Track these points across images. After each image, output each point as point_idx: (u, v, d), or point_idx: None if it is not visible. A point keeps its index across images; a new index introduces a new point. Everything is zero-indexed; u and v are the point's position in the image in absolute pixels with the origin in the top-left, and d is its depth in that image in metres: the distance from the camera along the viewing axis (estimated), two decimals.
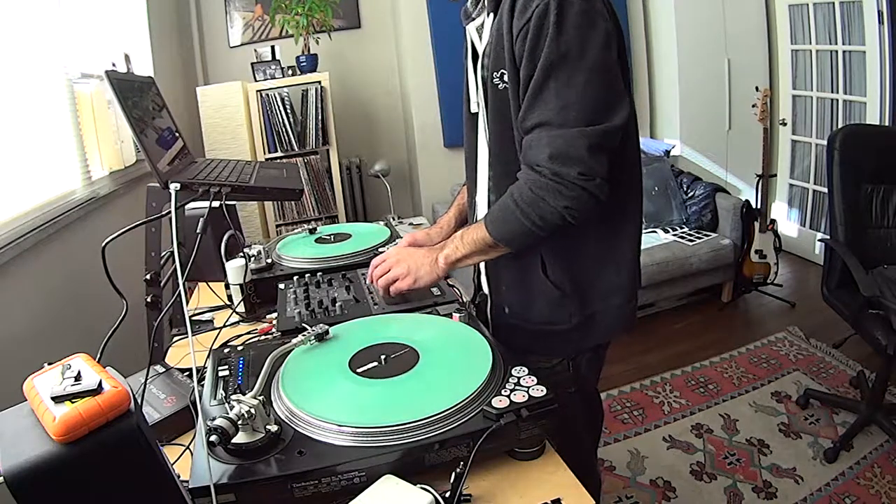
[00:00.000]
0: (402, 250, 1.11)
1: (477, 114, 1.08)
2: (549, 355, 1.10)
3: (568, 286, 1.04)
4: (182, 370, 1.01)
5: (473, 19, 1.05)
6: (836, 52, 3.17)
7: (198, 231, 0.95)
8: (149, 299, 1.15)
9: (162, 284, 1.16)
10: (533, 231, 0.92)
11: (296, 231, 1.65)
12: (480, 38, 1.03)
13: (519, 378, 0.78)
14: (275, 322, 1.12)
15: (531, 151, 0.91)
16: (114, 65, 2.15)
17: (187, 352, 1.03)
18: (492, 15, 0.97)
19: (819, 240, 2.79)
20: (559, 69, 0.86)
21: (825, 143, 2.13)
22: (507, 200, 0.94)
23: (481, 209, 1.12)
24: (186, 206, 1.02)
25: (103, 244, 0.87)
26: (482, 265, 1.14)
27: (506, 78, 0.94)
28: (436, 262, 1.04)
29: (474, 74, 1.06)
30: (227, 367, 0.89)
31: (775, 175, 3.66)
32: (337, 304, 1.08)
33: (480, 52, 1.00)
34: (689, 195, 3.23)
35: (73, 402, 0.50)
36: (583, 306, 1.05)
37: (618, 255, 1.06)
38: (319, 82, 2.99)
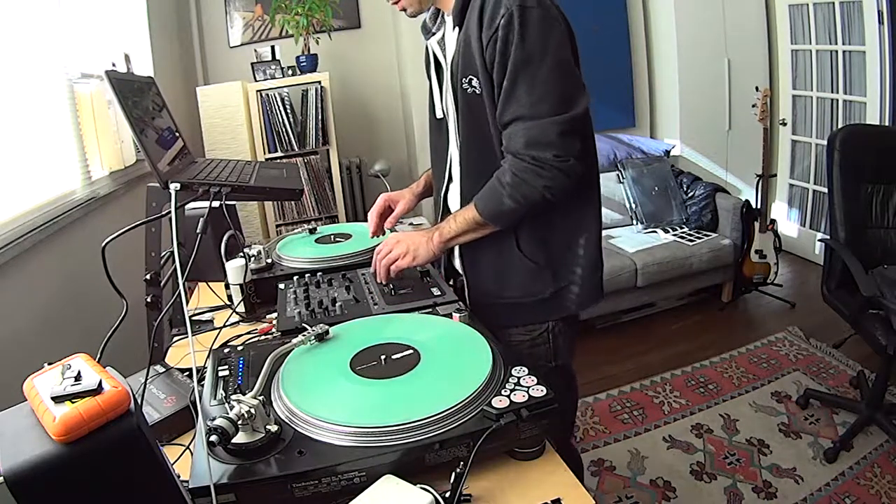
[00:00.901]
0: (395, 235, 1.20)
1: (443, 119, 1.22)
2: (526, 325, 1.20)
3: (541, 258, 1.15)
4: (182, 370, 1.01)
5: (434, 34, 1.19)
6: (836, 52, 3.17)
7: (198, 231, 0.95)
8: (149, 299, 1.15)
9: (162, 284, 1.16)
10: (516, 209, 1.05)
11: (296, 231, 1.65)
12: (443, 50, 1.16)
13: (519, 378, 0.78)
14: (275, 322, 1.12)
15: (511, 142, 1.04)
16: (114, 65, 2.15)
17: (187, 352, 1.03)
18: (457, 28, 1.08)
19: (819, 240, 2.79)
20: (527, 69, 0.99)
21: (825, 143, 2.13)
22: (493, 183, 1.07)
23: (453, 202, 1.24)
24: (186, 206, 1.02)
25: (103, 244, 0.87)
26: (457, 249, 1.23)
27: (474, 83, 1.06)
28: (431, 240, 1.14)
29: (438, 83, 1.20)
30: (227, 367, 0.89)
31: (775, 175, 3.66)
32: (337, 304, 1.08)
33: (448, 62, 1.12)
34: (689, 195, 3.23)
35: (73, 402, 0.50)
36: (556, 277, 1.17)
37: (584, 228, 1.17)
38: (319, 82, 2.99)
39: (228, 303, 1.27)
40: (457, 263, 1.27)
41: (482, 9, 1.02)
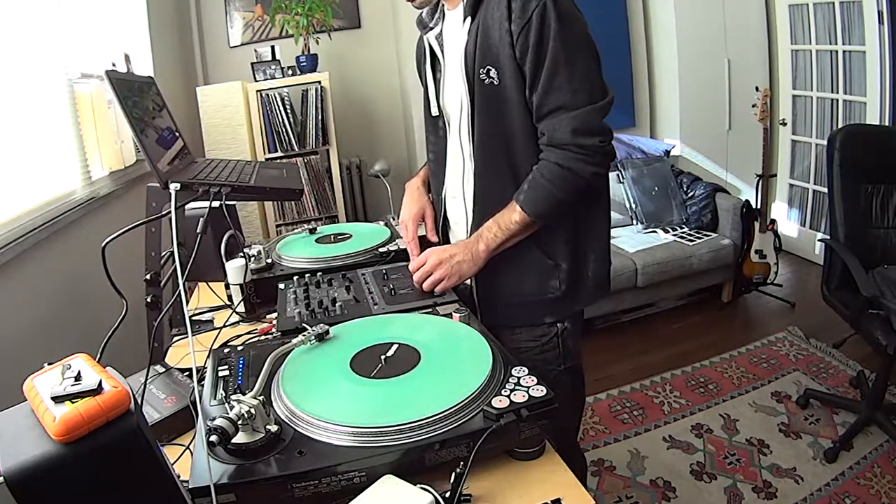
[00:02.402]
0: (436, 253, 1.14)
1: (438, 116, 1.20)
2: (535, 324, 1.19)
3: (560, 256, 1.15)
4: (182, 370, 1.01)
5: (431, 28, 1.18)
6: (836, 52, 3.17)
7: (198, 231, 0.95)
8: (149, 299, 1.15)
9: (162, 284, 1.16)
10: (567, 201, 1.06)
11: (296, 231, 1.64)
12: (441, 45, 1.16)
13: (519, 378, 0.78)
14: (275, 322, 1.12)
15: (555, 133, 1.03)
16: (114, 65, 2.15)
17: (187, 352, 1.03)
18: (468, 19, 1.08)
19: (819, 240, 2.79)
20: (566, 60, 1.00)
21: (825, 143, 2.13)
22: (536, 182, 1.06)
23: (458, 207, 1.22)
24: (186, 206, 1.02)
25: (103, 244, 0.87)
26: None
27: (493, 74, 1.05)
28: (478, 254, 1.11)
29: (433, 79, 1.19)
30: (227, 367, 0.89)
31: (775, 175, 3.66)
32: (337, 304, 1.08)
33: (461, 54, 1.09)
34: (689, 195, 3.23)
35: (73, 402, 0.50)
36: (571, 272, 1.16)
37: (597, 225, 1.18)
38: (319, 82, 2.99)
39: (228, 303, 1.27)
40: None
41: None
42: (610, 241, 1.23)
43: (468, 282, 1.20)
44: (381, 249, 1.41)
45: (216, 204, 1.03)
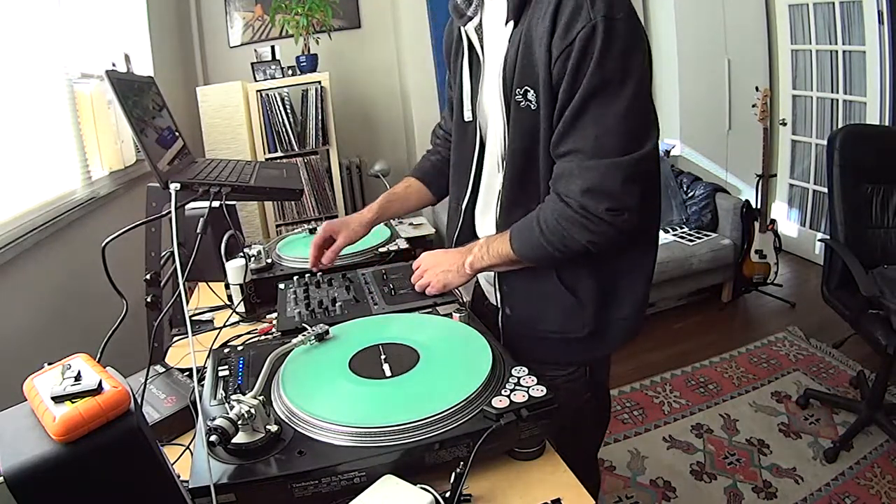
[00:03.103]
0: (428, 258, 1.12)
1: (471, 122, 1.05)
2: (558, 364, 1.08)
3: (583, 293, 1.01)
4: (182, 370, 1.01)
5: (471, 18, 0.99)
6: (836, 52, 3.17)
7: (198, 231, 0.95)
8: (149, 299, 1.15)
9: (162, 284, 1.16)
10: (556, 256, 0.93)
11: (296, 231, 1.64)
12: (481, 39, 0.99)
13: (519, 378, 0.78)
14: (275, 322, 1.12)
15: (562, 181, 0.89)
16: (114, 65, 2.15)
17: (187, 352, 1.03)
18: (511, 23, 0.91)
19: (819, 240, 2.79)
20: (600, 96, 0.83)
21: (825, 143, 2.13)
22: (532, 223, 0.93)
23: (489, 224, 1.09)
24: (186, 206, 1.02)
25: (103, 244, 0.87)
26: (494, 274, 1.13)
27: (530, 97, 0.90)
28: (462, 266, 1.06)
29: (469, 80, 1.02)
30: (227, 367, 0.89)
31: (775, 175, 3.65)
32: (337, 304, 1.08)
33: (500, 65, 0.93)
34: (689, 195, 3.23)
35: (73, 402, 0.50)
36: (597, 316, 1.02)
37: (637, 265, 1.04)
38: (319, 82, 2.99)
39: (228, 303, 1.27)
40: (485, 287, 1.18)
41: (558, 10, 0.83)
42: (650, 283, 1.07)
43: (495, 302, 1.12)
44: (381, 249, 1.41)
45: (216, 204, 1.03)
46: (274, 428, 0.70)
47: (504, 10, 0.92)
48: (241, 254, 1.25)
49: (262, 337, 1.08)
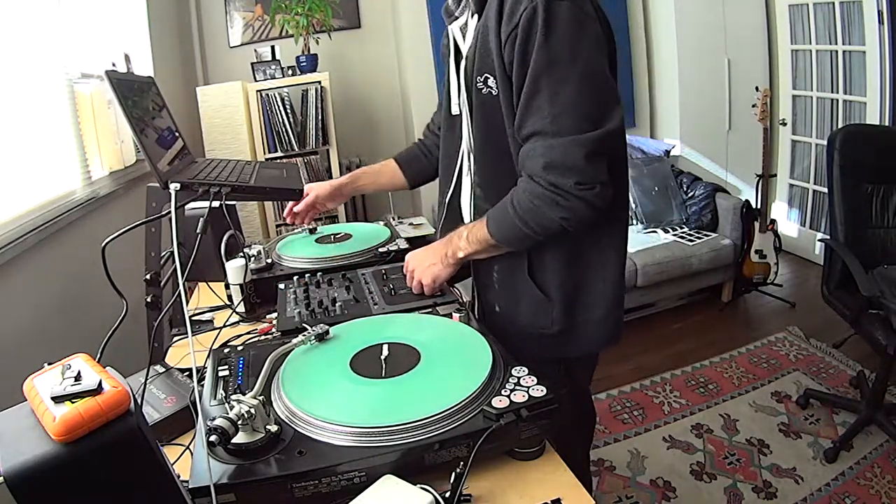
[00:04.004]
0: (413, 258, 1.13)
1: (458, 115, 1.08)
2: (533, 359, 1.09)
3: (552, 291, 1.03)
4: (182, 370, 1.01)
5: (457, 18, 1.04)
6: (836, 52, 3.17)
7: (198, 231, 0.95)
8: (149, 299, 1.15)
9: (162, 284, 1.16)
10: (532, 236, 0.94)
11: (296, 231, 1.65)
12: (464, 37, 1.02)
13: (519, 378, 0.78)
14: (275, 322, 1.12)
15: (528, 162, 0.91)
16: (114, 65, 2.15)
17: (187, 352, 1.03)
18: (476, 16, 0.95)
19: (819, 240, 2.79)
20: (550, 75, 0.85)
21: (825, 143, 2.13)
22: (506, 206, 0.95)
23: (465, 212, 1.13)
24: (186, 206, 1.02)
25: (103, 244, 0.87)
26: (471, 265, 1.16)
27: (490, 83, 0.94)
28: (445, 257, 1.07)
29: (456, 75, 1.06)
30: (227, 367, 0.89)
31: (775, 175, 3.66)
32: (337, 304, 1.08)
33: (463, 54, 0.99)
34: (689, 195, 3.23)
35: (73, 402, 0.50)
36: (566, 314, 1.04)
37: (604, 262, 1.05)
38: (319, 82, 2.99)
39: (228, 303, 1.27)
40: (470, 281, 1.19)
41: None
42: (623, 280, 1.08)
43: (483, 300, 1.16)
44: (381, 249, 1.41)
45: (216, 204, 1.04)
46: (274, 428, 0.70)
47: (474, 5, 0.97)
48: (241, 254, 1.25)
49: (262, 337, 1.08)
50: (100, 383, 0.52)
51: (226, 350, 0.95)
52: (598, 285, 1.05)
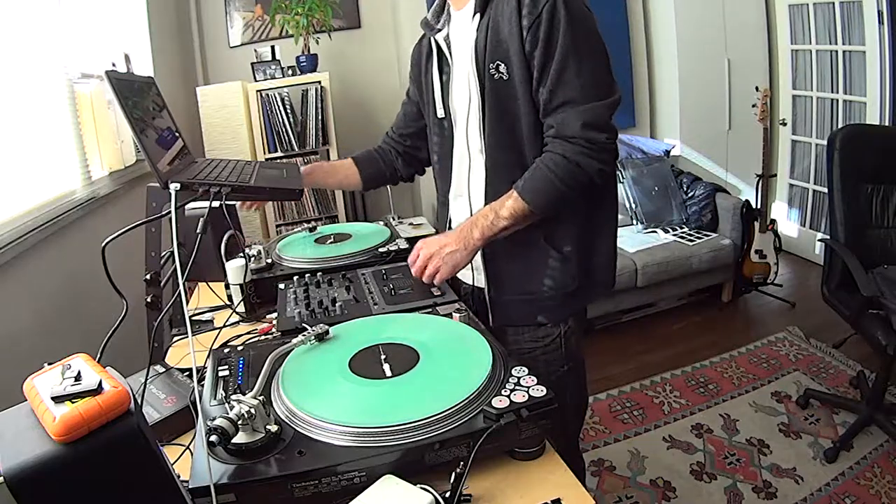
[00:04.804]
0: (429, 244, 1.14)
1: (444, 118, 1.21)
2: (545, 323, 1.19)
3: (570, 250, 1.16)
4: (182, 370, 1.01)
5: (439, 30, 1.20)
6: (836, 52, 3.17)
7: (198, 231, 0.95)
8: (149, 299, 1.15)
9: (162, 284, 1.16)
10: (568, 194, 1.06)
11: (296, 231, 1.64)
12: (449, 46, 1.18)
13: (519, 378, 0.78)
14: (275, 322, 1.12)
15: (564, 126, 1.04)
16: (114, 65, 2.15)
17: (187, 352, 1.03)
18: (478, 15, 1.10)
19: (819, 240, 2.79)
20: (575, 55, 1.02)
21: (825, 143, 2.13)
22: (542, 171, 1.05)
23: (474, 196, 1.20)
24: (186, 206, 1.02)
25: (103, 244, 0.87)
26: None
27: (502, 69, 1.07)
28: (472, 242, 1.10)
29: (440, 79, 1.20)
30: (227, 367, 0.89)
31: (775, 175, 3.66)
32: (337, 304, 1.08)
33: (471, 51, 1.11)
34: (689, 195, 3.23)
35: (73, 402, 0.50)
36: (580, 267, 1.17)
37: (607, 216, 1.21)
38: (319, 82, 2.99)
39: (228, 303, 1.27)
40: (471, 270, 1.23)
41: None
42: (617, 239, 1.25)
43: (479, 283, 1.21)
44: (381, 249, 1.41)
45: (216, 204, 1.03)
46: (274, 428, 0.70)
47: (470, 12, 1.11)
48: (241, 254, 1.25)
49: (262, 337, 1.08)
50: (100, 383, 0.52)
51: (226, 350, 0.95)
52: (604, 236, 1.21)
